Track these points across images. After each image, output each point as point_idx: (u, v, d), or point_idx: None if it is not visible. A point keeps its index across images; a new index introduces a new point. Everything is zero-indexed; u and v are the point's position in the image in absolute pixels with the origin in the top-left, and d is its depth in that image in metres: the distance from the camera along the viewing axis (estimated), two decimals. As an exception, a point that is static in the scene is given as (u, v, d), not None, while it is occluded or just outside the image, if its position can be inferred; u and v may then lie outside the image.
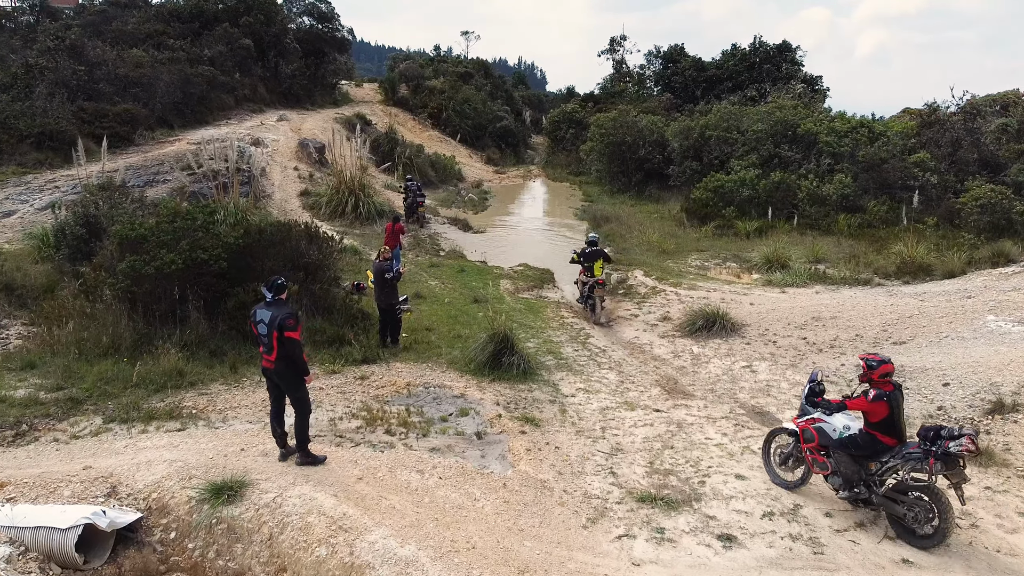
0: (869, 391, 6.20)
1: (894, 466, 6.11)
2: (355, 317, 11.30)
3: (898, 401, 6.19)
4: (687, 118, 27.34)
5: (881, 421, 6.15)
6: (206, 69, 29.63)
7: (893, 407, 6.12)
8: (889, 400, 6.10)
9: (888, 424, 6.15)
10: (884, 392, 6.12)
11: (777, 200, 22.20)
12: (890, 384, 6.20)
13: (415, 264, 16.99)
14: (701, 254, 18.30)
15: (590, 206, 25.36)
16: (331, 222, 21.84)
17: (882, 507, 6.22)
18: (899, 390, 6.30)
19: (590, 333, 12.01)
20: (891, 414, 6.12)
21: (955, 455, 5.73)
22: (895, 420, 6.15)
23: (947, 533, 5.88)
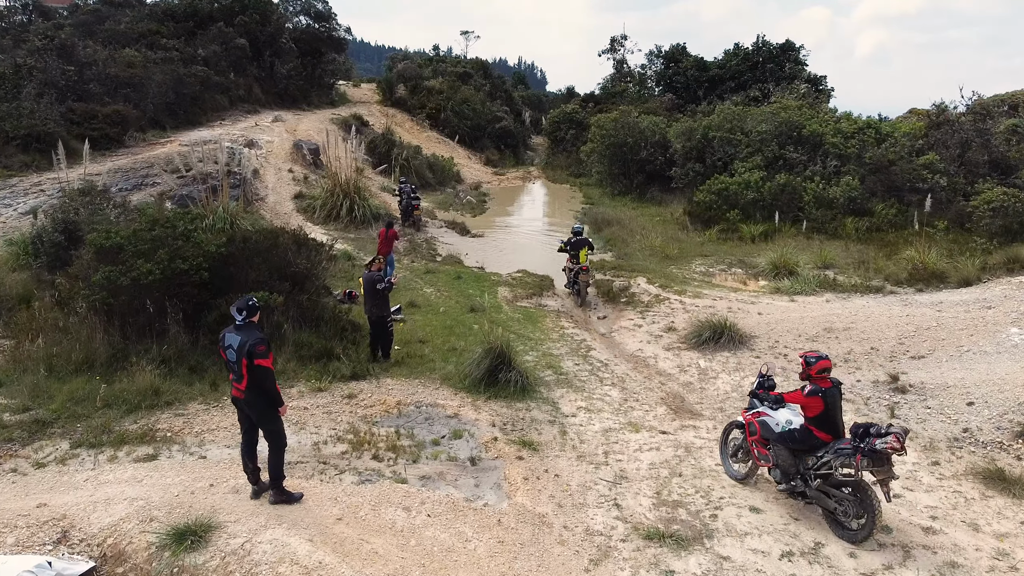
0: (806, 386, 6.36)
1: (827, 461, 6.25)
2: (344, 329, 10.76)
3: (835, 398, 6.33)
4: (689, 119, 26.80)
5: (816, 416, 6.32)
6: (200, 69, 29.11)
7: (828, 403, 6.27)
8: (824, 396, 6.26)
9: (823, 419, 6.31)
10: (820, 388, 6.28)
11: (782, 203, 21.65)
12: (828, 381, 6.34)
13: (410, 270, 16.45)
14: (705, 259, 17.75)
15: (591, 209, 24.81)
16: (325, 226, 21.33)
17: (816, 501, 6.37)
18: (837, 387, 6.42)
19: (591, 345, 11.46)
20: (826, 410, 6.28)
21: (880, 452, 5.85)
22: (830, 416, 6.31)
23: (872, 529, 5.99)
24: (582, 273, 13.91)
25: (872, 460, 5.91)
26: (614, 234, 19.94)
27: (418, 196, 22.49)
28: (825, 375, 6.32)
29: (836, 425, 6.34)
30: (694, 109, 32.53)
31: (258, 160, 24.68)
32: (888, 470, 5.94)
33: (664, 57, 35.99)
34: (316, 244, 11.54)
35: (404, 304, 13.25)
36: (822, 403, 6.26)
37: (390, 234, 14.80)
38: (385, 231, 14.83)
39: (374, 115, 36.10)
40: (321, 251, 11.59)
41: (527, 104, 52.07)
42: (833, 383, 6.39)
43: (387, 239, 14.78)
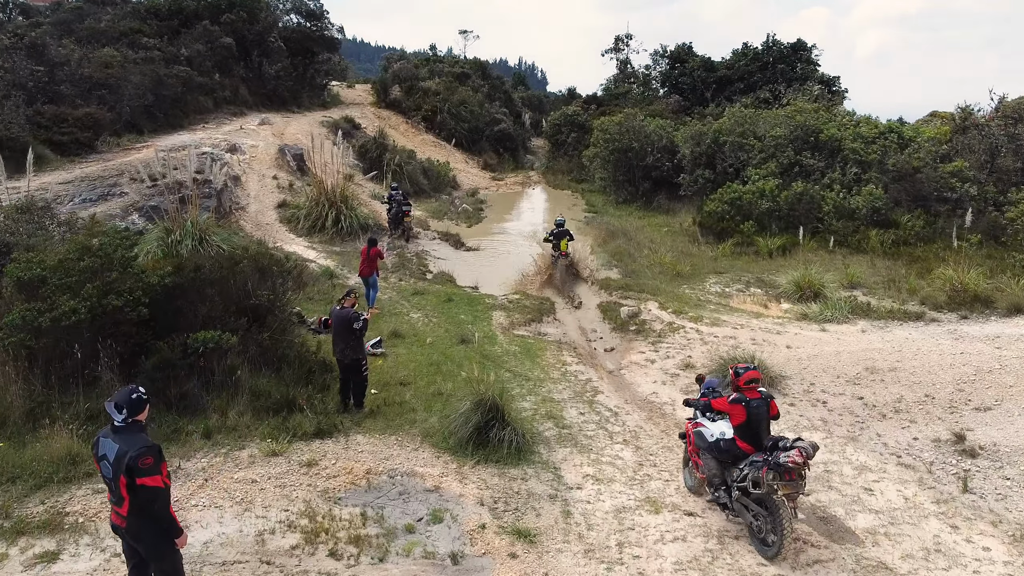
0: (732, 394, 6.41)
1: (747, 474, 6.20)
2: (312, 371, 9.28)
3: (759, 409, 6.33)
4: (698, 122, 25.32)
5: (739, 426, 6.34)
6: (182, 70, 27.63)
7: (751, 413, 6.29)
8: (747, 405, 6.28)
9: (745, 429, 6.32)
10: (743, 397, 6.31)
11: (800, 213, 20.17)
12: (756, 392, 6.36)
13: (397, 291, 14.97)
14: (720, 277, 16.27)
15: (594, 218, 23.33)
16: (309, 237, 19.88)
17: (738, 513, 6.36)
18: (764, 400, 6.40)
19: (598, 387, 9.97)
20: (748, 420, 6.29)
21: (784, 465, 5.85)
22: (752, 427, 6.30)
23: (782, 545, 5.94)
24: (562, 258, 15.99)
25: (778, 473, 5.89)
26: (620, 248, 18.44)
27: (409, 203, 21.04)
28: (753, 386, 6.37)
29: (759, 437, 6.32)
30: (701, 111, 31.05)
31: (240, 166, 23.23)
32: (795, 485, 5.92)
33: (670, 57, 34.51)
34: (282, 270, 10.05)
35: (387, 334, 11.77)
36: (744, 412, 6.27)
37: (372, 253, 13.32)
38: (367, 249, 13.35)
39: (367, 117, 34.63)
40: (288, 278, 10.09)
41: (527, 105, 50.55)
42: (762, 396, 6.41)
43: (369, 258, 13.30)
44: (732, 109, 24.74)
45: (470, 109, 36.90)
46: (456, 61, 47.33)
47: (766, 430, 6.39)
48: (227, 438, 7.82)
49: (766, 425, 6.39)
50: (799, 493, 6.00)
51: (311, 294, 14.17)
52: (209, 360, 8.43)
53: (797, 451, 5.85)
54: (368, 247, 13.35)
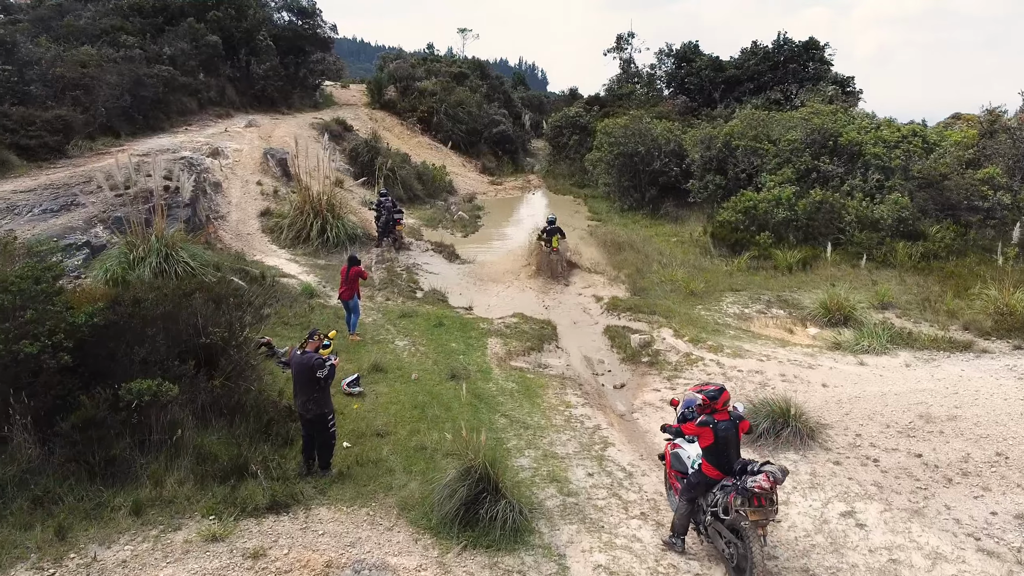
0: (701, 416, 6.18)
1: (717, 499, 6.00)
2: (272, 422, 7.89)
3: (728, 432, 6.08)
4: (708, 125, 23.92)
5: (707, 448, 6.10)
6: (164, 69, 26.24)
7: (719, 436, 6.04)
8: (715, 428, 6.04)
9: (713, 452, 6.07)
10: (712, 419, 6.08)
11: (819, 224, 18.79)
12: (726, 413, 6.14)
13: (382, 312, 13.57)
14: (737, 295, 14.88)
15: (598, 227, 21.93)
16: (292, 249, 18.52)
17: (712, 540, 6.17)
18: (734, 423, 6.16)
19: (608, 437, 8.58)
20: (716, 443, 6.05)
21: (751, 491, 5.64)
22: (720, 449, 6.06)
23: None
24: (553, 253, 16.50)
25: (746, 499, 5.70)
26: (627, 261, 17.05)
27: (401, 211, 19.68)
28: (723, 407, 6.15)
29: (728, 460, 6.09)
30: (709, 113, 29.63)
31: (222, 172, 21.86)
32: (764, 511, 5.71)
33: (675, 56, 33.09)
34: (241, 301, 8.66)
35: (367, 368, 10.39)
36: (712, 435, 6.05)
37: (353, 273, 11.91)
38: (347, 269, 11.95)
39: (360, 119, 33.22)
40: (248, 309, 8.69)
41: (527, 106, 49.14)
42: (731, 416, 6.17)
43: (350, 280, 11.90)
44: (744, 111, 23.33)
45: (468, 110, 35.52)
46: (454, 61, 45.93)
47: (736, 453, 6.14)
48: (161, 514, 6.44)
49: (735, 448, 6.14)
50: (769, 520, 5.81)
51: (287, 317, 12.81)
52: (146, 415, 7.06)
53: (764, 476, 5.62)
54: (348, 267, 11.94)
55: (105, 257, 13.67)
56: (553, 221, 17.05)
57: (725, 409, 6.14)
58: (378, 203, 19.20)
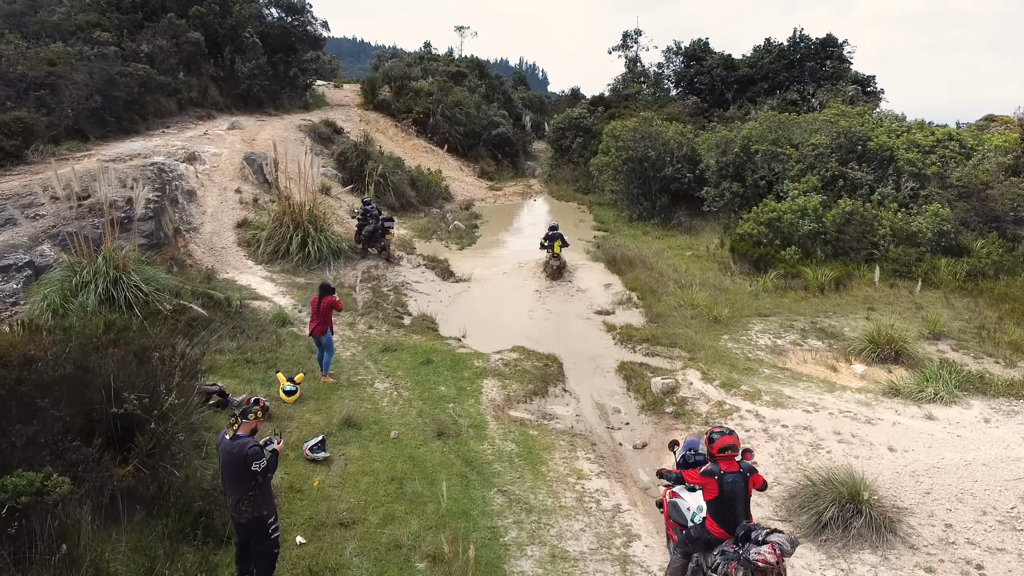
0: (706, 464, 5.45)
1: (718, 563, 5.28)
2: (204, 515, 6.16)
3: (736, 486, 5.30)
4: (723, 127, 22.19)
5: (712, 502, 5.37)
6: (140, 67, 24.49)
7: (724, 489, 5.29)
8: (720, 480, 5.29)
9: (718, 507, 5.33)
10: (718, 469, 5.32)
11: (850, 237, 17.06)
12: (734, 463, 5.36)
13: (363, 345, 11.84)
14: (766, 322, 13.15)
15: (605, 239, 20.19)
16: (270, 265, 16.81)
17: None
18: (743, 475, 5.34)
19: (631, 525, 6.85)
20: (721, 496, 5.30)
21: (754, 563, 4.95)
22: (726, 505, 5.30)
23: None
24: (554, 260, 16.31)
25: (748, 571, 4.98)
26: (640, 281, 15.30)
27: (392, 219, 18.04)
28: (730, 455, 5.34)
29: (734, 518, 5.30)
30: (722, 114, 27.89)
31: (198, 178, 20.16)
32: None
33: (684, 55, 31.35)
34: (168, 356, 6.92)
35: (337, 424, 8.66)
36: (717, 487, 5.29)
37: (326, 304, 10.17)
38: (319, 300, 10.20)
39: (352, 120, 31.52)
40: (173, 364, 6.93)
41: (528, 106, 47.37)
42: (740, 468, 5.38)
43: (322, 312, 10.16)
44: (762, 113, 21.58)
45: (466, 111, 33.80)
46: (452, 60, 44.18)
47: (744, 511, 5.40)
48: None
49: (743, 505, 5.39)
50: None
51: (251, 352, 11.07)
52: (27, 519, 5.33)
53: (770, 547, 4.94)
54: (320, 296, 10.20)
55: (45, 282, 11.95)
56: (555, 227, 16.85)
57: (726, 456, 5.36)
58: (363, 211, 17.59)
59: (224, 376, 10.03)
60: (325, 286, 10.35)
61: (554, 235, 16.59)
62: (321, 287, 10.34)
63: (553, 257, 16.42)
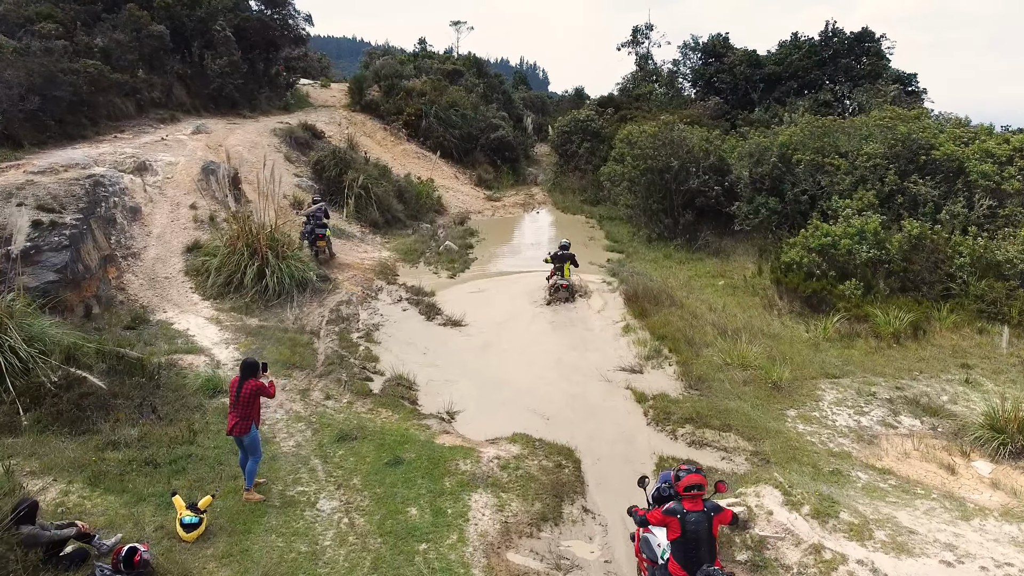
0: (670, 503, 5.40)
1: None
2: None
3: (698, 525, 5.24)
4: (756, 133, 19.23)
5: (675, 541, 5.30)
6: (91, 64, 21.55)
7: (687, 529, 5.23)
8: (683, 519, 5.25)
9: (680, 548, 5.25)
10: (681, 508, 5.29)
11: (920, 268, 14.14)
12: (699, 502, 5.32)
13: (313, 429, 8.88)
14: (839, 388, 10.22)
15: (622, 265, 17.25)
16: (220, 301, 13.92)
17: None
18: (707, 515, 5.29)
19: None
20: (684, 536, 5.23)
21: None
22: (687, 547, 5.22)
23: None
24: (561, 291, 14.40)
25: None
26: (670, 326, 12.34)
27: (326, 224, 16.27)
28: (695, 493, 5.31)
29: (697, 561, 5.16)
30: (747, 116, 24.94)
31: (146, 192, 17.24)
32: None
33: (703, 51, 28.42)
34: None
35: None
36: (679, 527, 5.24)
37: (248, 390, 7.19)
38: (240, 382, 7.23)
39: (336, 123, 28.58)
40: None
41: (528, 107, 44.37)
42: (705, 508, 5.32)
43: (244, 400, 7.19)
44: (798, 115, 18.62)
45: (462, 112, 30.84)
46: (447, 57, 41.22)
47: (708, 552, 5.19)
48: None
49: (707, 546, 5.20)
50: None
51: (157, 447, 8.11)
52: None
53: None
54: (241, 379, 7.23)
55: None
56: (567, 246, 15.10)
57: (691, 495, 5.26)
58: (314, 208, 16.22)
59: (107, 491, 7.11)
60: (248, 364, 7.37)
61: (564, 255, 14.86)
62: (243, 366, 7.37)
63: (562, 287, 14.52)
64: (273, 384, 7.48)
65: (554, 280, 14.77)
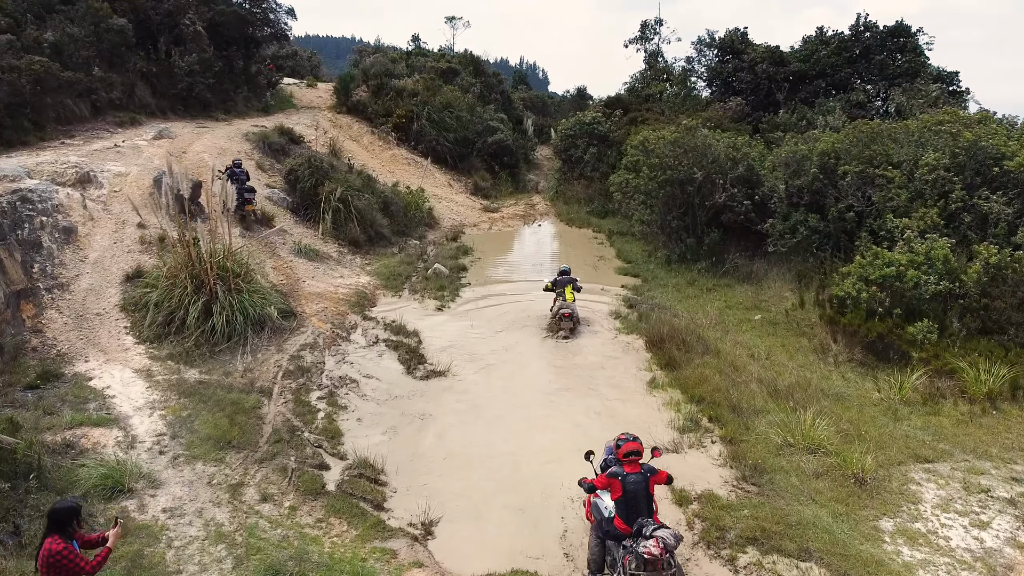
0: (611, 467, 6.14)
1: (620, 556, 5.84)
2: None
3: (636, 485, 5.91)
4: (793, 140, 16.76)
5: (617, 501, 5.97)
6: (37, 61, 19.12)
7: (627, 489, 5.91)
8: (624, 481, 5.92)
9: (622, 506, 5.93)
10: (621, 471, 5.96)
11: (1004, 305, 11.70)
12: (636, 465, 5.99)
13: (234, 559, 6.43)
14: (937, 479, 7.78)
15: (640, 294, 14.82)
16: (158, 344, 11.57)
17: None
18: (644, 476, 5.95)
19: None
20: (624, 496, 5.91)
21: (641, 556, 5.52)
22: (629, 504, 5.91)
23: None
24: (564, 320, 12.86)
25: (640, 563, 5.55)
26: (707, 384, 9.86)
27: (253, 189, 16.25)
28: (634, 459, 5.99)
29: (636, 515, 5.87)
30: (772, 119, 22.49)
31: (87, 209, 14.86)
32: None
33: (719, 47, 26.00)
34: None
35: None
36: (620, 487, 5.91)
37: (44, 556, 4.67)
38: (47, 553, 4.69)
39: (319, 126, 26.15)
40: None
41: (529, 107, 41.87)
42: (642, 470, 5.99)
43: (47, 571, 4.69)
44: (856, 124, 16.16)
45: (457, 114, 28.41)
46: (442, 55, 38.76)
47: (645, 508, 5.90)
48: None
49: (645, 503, 5.91)
50: None
51: None
52: None
53: (655, 541, 5.48)
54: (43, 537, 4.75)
55: None
56: (568, 271, 13.83)
57: (630, 460, 5.94)
58: (229, 173, 15.63)
59: None
60: (57, 513, 4.83)
61: (566, 280, 13.54)
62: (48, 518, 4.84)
63: (566, 316, 12.96)
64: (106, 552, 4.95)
65: (557, 308, 13.21)
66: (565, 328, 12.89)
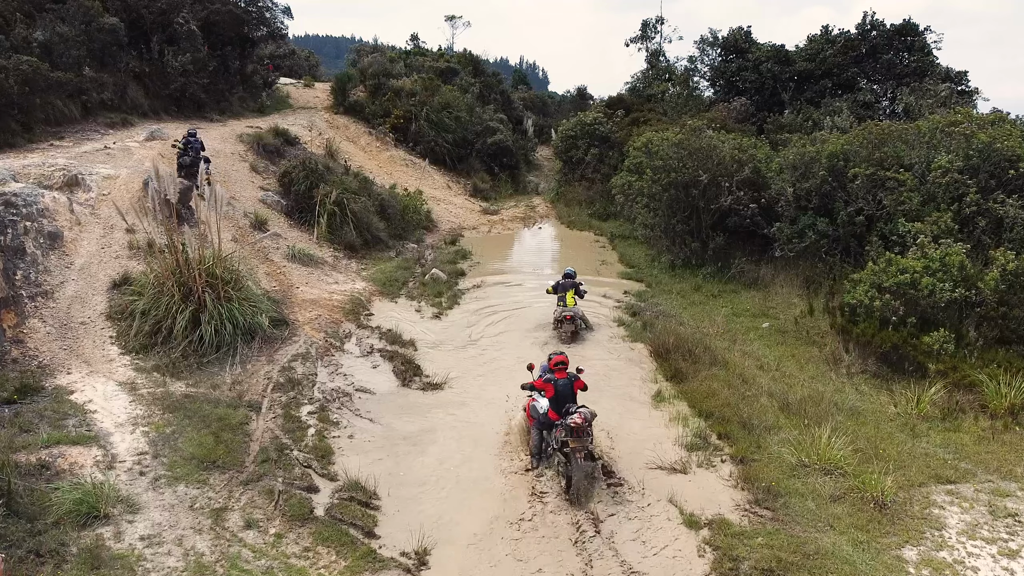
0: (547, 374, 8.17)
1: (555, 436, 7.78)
2: None
3: (565, 386, 7.93)
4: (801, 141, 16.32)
5: (551, 399, 7.90)
6: (24, 60, 18.69)
7: (558, 389, 7.88)
8: (555, 384, 7.92)
9: (554, 402, 7.87)
10: (553, 377, 8.00)
11: (1022, 313, 11.28)
12: (563, 372, 8.01)
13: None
14: (960, 500, 7.36)
15: (643, 300, 14.38)
16: (144, 354, 11.12)
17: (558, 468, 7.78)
18: (570, 380, 8.00)
19: None
20: (556, 394, 7.87)
21: (569, 425, 7.43)
22: (559, 399, 7.85)
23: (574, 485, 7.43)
24: (565, 323, 12.85)
25: (567, 431, 7.43)
26: (715, 398, 9.41)
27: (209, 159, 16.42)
28: (561, 368, 8.03)
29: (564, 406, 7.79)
30: (776, 120, 22.05)
31: (73, 213, 14.38)
32: (581, 441, 7.43)
33: (723, 46, 25.56)
34: None
35: None
36: (553, 388, 7.88)
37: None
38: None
39: (316, 127, 25.70)
40: None
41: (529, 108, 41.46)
42: (568, 376, 8.01)
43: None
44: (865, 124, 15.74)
45: (455, 115, 27.97)
46: (441, 55, 38.31)
47: (572, 402, 7.86)
48: None
49: (571, 399, 7.88)
50: (585, 447, 7.48)
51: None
52: None
53: (578, 414, 7.49)
54: None
55: None
56: (572, 274, 13.64)
57: (559, 368, 8.00)
58: (185, 142, 16.11)
59: None
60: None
61: (568, 284, 13.35)
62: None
63: (567, 319, 12.77)
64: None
65: (558, 311, 13.01)
66: (566, 331, 12.65)
